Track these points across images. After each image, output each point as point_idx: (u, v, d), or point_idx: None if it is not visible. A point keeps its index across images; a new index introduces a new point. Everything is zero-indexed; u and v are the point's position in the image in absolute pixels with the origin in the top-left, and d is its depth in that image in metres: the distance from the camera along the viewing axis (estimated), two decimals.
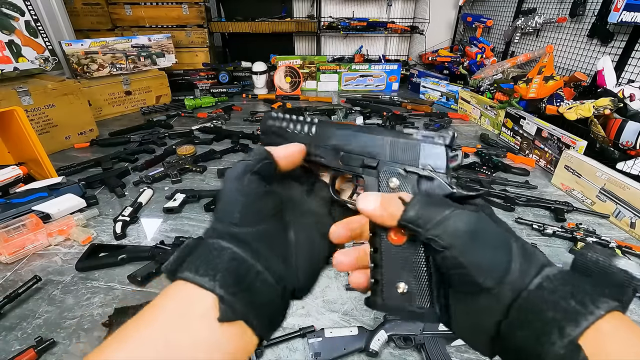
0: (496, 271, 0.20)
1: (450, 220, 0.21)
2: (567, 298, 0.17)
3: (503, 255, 0.20)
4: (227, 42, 3.23)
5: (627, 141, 1.37)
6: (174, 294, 0.21)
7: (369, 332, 0.81)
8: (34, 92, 1.67)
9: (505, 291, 0.19)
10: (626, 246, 1.11)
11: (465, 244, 0.20)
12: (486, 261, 0.20)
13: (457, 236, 0.20)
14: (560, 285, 0.18)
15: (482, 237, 0.20)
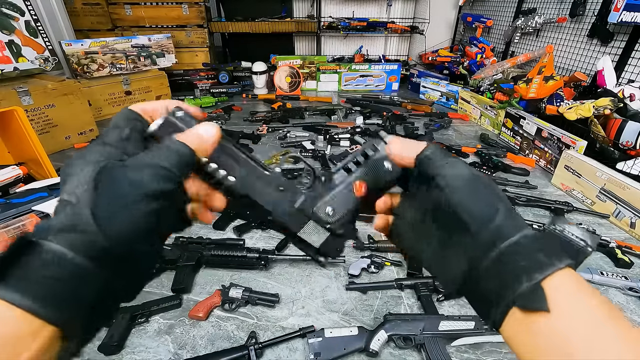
0: (482, 216, 0.23)
1: (457, 164, 0.25)
2: (538, 252, 0.22)
3: (492, 205, 0.23)
4: (227, 42, 3.24)
5: (627, 141, 1.37)
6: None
7: (369, 332, 0.81)
8: (34, 92, 1.67)
9: (485, 235, 0.23)
10: (626, 246, 1.11)
11: (464, 186, 0.24)
12: (477, 205, 0.23)
13: (459, 178, 0.24)
14: (533, 243, 0.22)
15: (479, 186, 0.24)
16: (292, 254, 1.05)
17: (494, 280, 0.22)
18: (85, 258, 0.19)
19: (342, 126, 2.07)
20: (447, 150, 1.51)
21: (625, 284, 0.97)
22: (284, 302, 0.93)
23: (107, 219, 0.20)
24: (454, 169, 0.25)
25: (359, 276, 1.00)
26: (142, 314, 0.86)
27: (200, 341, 0.82)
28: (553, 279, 0.21)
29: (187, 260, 1.00)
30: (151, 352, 0.79)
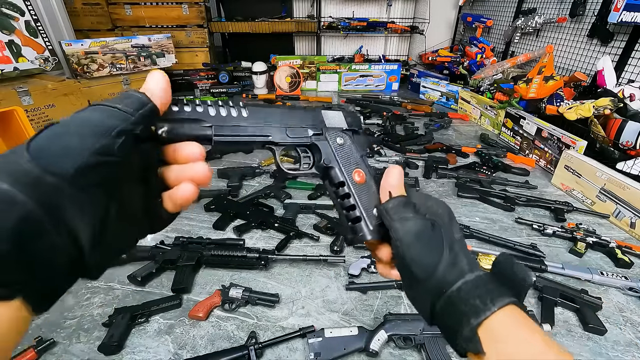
0: (427, 268, 0.27)
1: (408, 221, 0.28)
2: (475, 298, 0.24)
3: (435, 257, 0.27)
4: (227, 42, 3.23)
5: (627, 141, 1.37)
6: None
7: (369, 332, 0.81)
8: (34, 92, 1.67)
9: (432, 283, 0.26)
10: (626, 246, 1.11)
11: (411, 241, 0.27)
12: (422, 259, 0.27)
13: (408, 234, 0.28)
14: (472, 288, 0.25)
15: (425, 240, 0.27)
16: (292, 254, 1.05)
17: (446, 323, 0.26)
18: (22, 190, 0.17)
19: None
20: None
21: (625, 284, 0.97)
22: (284, 302, 0.93)
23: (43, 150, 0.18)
24: (404, 225, 0.28)
25: (359, 276, 1.00)
26: (142, 314, 0.86)
27: (200, 341, 0.82)
28: (491, 321, 0.23)
29: (187, 260, 1.00)
30: (151, 352, 0.79)
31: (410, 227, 0.28)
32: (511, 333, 0.23)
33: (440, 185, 1.51)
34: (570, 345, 0.83)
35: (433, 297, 0.26)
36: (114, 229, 0.21)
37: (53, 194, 0.17)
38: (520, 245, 1.10)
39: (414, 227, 0.28)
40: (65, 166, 0.18)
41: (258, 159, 1.71)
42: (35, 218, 0.17)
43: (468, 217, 1.29)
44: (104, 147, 0.19)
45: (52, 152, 0.18)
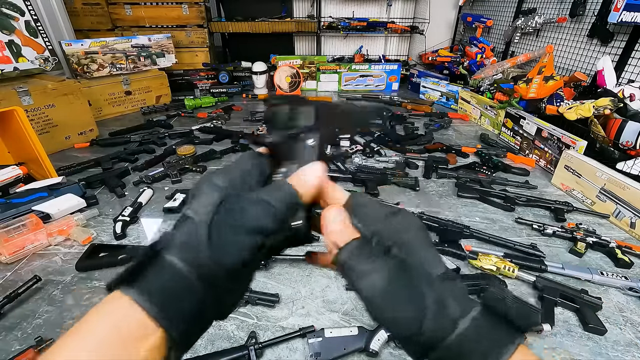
0: (410, 327, 0.22)
1: (369, 275, 0.22)
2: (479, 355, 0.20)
3: (415, 313, 0.22)
4: (227, 42, 3.23)
5: (627, 141, 1.37)
6: (118, 319, 0.19)
7: (369, 332, 0.81)
8: (34, 92, 1.67)
9: (421, 341, 0.22)
10: (626, 246, 1.11)
11: (378, 302, 0.22)
12: (399, 318, 0.22)
13: (374, 292, 0.22)
14: (473, 340, 0.21)
15: (396, 296, 0.22)
16: (292, 254, 1.05)
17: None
18: (196, 276, 0.21)
19: None
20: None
21: (625, 284, 0.97)
22: (284, 302, 0.93)
23: (218, 242, 0.22)
24: (367, 281, 0.22)
25: None
26: None
27: (200, 341, 0.82)
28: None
29: None
30: None
31: (374, 283, 0.22)
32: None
33: (440, 185, 1.51)
34: (570, 345, 0.83)
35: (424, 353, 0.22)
36: (237, 295, 0.25)
37: (220, 281, 0.21)
38: (520, 245, 1.10)
39: (379, 282, 0.22)
40: (234, 261, 0.22)
41: None
42: (203, 303, 0.21)
43: (468, 217, 1.29)
44: (255, 246, 0.22)
45: (224, 247, 0.22)
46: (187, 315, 0.20)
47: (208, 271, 0.21)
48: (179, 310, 0.20)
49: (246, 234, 0.22)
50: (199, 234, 0.21)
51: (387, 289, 0.22)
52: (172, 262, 0.21)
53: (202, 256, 0.21)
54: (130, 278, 0.20)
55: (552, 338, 0.85)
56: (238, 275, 0.23)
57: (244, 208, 0.23)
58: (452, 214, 1.31)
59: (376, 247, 0.24)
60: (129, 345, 0.19)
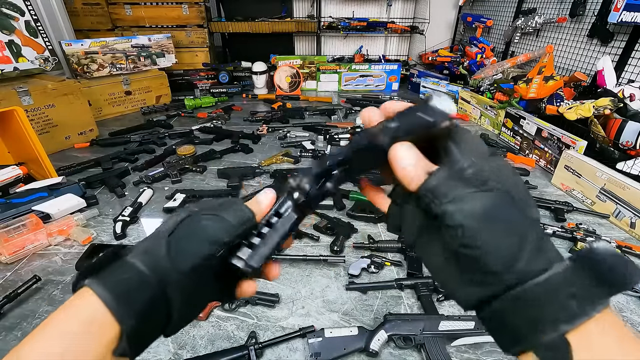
0: (505, 258, 0.20)
1: (467, 200, 0.20)
2: (569, 298, 0.19)
3: (515, 243, 0.20)
4: (227, 42, 3.23)
5: (627, 141, 1.37)
6: (84, 312, 0.21)
7: (369, 332, 0.81)
8: (34, 92, 1.67)
9: (508, 277, 0.20)
10: (626, 246, 1.11)
11: (479, 225, 0.20)
12: (498, 245, 0.20)
13: (472, 217, 0.20)
14: (564, 284, 0.19)
15: (497, 221, 0.20)
16: (292, 254, 1.05)
17: (514, 320, 0.20)
18: (155, 278, 0.23)
19: (342, 126, 2.07)
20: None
21: None
22: (284, 302, 0.93)
23: (175, 248, 0.25)
24: (468, 205, 0.20)
25: (359, 276, 1.00)
26: None
27: (200, 341, 0.82)
28: (584, 329, 0.18)
29: None
30: (151, 352, 0.79)
31: (473, 207, 0.20)
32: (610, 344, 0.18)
33: None
34: None
35: (502, 290, 0.20)
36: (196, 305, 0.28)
37: (173, 283, 0.24)
38: None
39: (479, 206, 0.20)
40: (185, 265, 0.24)
41: (258, 159, 1.71)
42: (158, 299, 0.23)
43: None
44: (210, 254, 0.25)
45: (179, 253, 0.24)
46: (141, 311, 0.22)
47: (163, 272, 0.23)
48: (134, 304, 0.22)
49: (199, 243, 0.25)
50: (160, 242, 0.25)
51: (488, 213, 0.20)
52: (134, 263, 0.23)
53: (161, 259, 0.24)
54: (94, 274, 0.22)
55: None
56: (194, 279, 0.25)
57: (201, 222, 0.26)
58: None
59: (471, 177, 0.21)
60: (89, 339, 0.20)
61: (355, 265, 1.01)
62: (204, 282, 0.26)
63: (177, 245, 0.25)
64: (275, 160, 1.66)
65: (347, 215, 1.27)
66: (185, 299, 0.25)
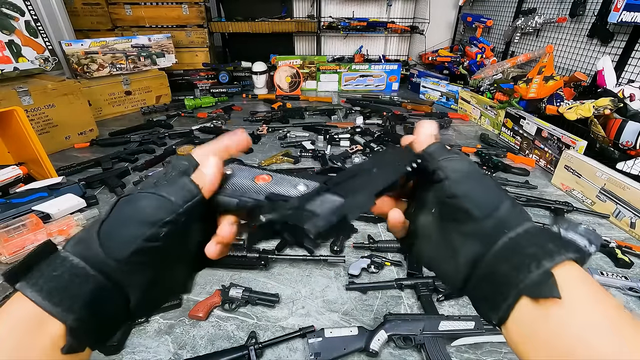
0: (487, 205, 0.23)
1: (455, 159, 0.26)
2: (547, 242, 0.21)
3: (495, 196, 0.24)
4: (227, 42, 3.23)
5: (627, 141, 1.37)
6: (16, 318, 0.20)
7: (369, 332, 0.81)
8: (34, 92, 1.67)
9: (491, 225, 0.23)
10: (626, 246, 1.11)
11: (465, 177, 0.25)
12: (479, 195, 0.24)
13: (458, 171, 0.25)
14: (540, 233, 0.22)
15: (478, 179, 0.25)
16: (292, 254, 1.05)
17: (500, 270, 0.22)
18: (92, 268, 0.22)
19: (342, 126, 2.07)
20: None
21: (625, 284, 0.97)
22: (284, 302, 0.93)
23: (108, 234, 0.23)
24: (454, 163, 0.25)
25: (359, 276, 1.00)
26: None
27: (200, 341, 0.82)
28: (563, 268, 0.20)
29: None
30: (151, 352, 0.79)
31: (460, 165, 0.25)
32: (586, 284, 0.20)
33: None
34: None
35: (486, 241, 0.22)
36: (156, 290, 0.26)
37: (114, 271, 0.22)
38: None
39: (465, 165, 0.25)
40: (122, 252, 0.22)
41: (258, 159, 1.71)
42: (103, 288, 0.22)
43: None
44: (152, 236, 0.23)
45: (113, 240, 0.23)
46: (83, 304, 0.21)
47: (99, 262, 0.22)
48: (73, 299, 0.21)
49: (136, 226, 0.23)
50: (92, 230, 0.23)
51: (471, 173, 0.25)
52: (66, 256, 0.22)
53: (93, 248, 0.22)
54: (21, 273, 0.21)
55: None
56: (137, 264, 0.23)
57: (137, 203, 0.24)
58: None
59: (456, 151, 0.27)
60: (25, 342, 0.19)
61: (355, 265, 1.01)
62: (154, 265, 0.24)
63: (111, 231, 0.23)
64: (275, 160, 1.66)
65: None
66: (143, 280, 0.23)
